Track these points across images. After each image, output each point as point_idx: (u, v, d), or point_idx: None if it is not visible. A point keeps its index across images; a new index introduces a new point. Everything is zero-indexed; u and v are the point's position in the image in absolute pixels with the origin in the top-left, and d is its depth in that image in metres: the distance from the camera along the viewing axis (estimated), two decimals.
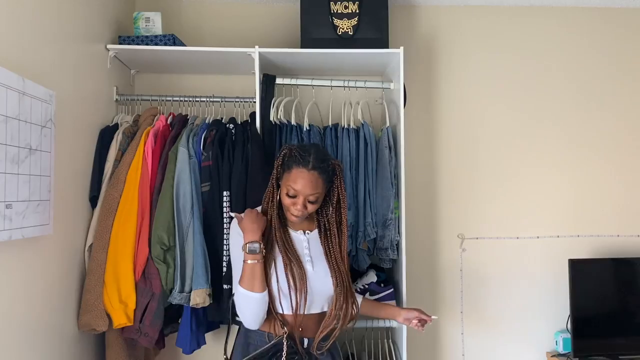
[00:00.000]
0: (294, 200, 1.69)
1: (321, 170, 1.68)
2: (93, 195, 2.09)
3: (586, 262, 2.62)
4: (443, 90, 2.75)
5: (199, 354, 2.32)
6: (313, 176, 1.67)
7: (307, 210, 1.71)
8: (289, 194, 1.69)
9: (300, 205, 1.68)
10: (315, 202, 1.71)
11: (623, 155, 2.78)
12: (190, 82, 2.63)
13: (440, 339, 2.72)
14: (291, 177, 1.68)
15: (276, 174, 1.76)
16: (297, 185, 1.67)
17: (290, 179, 1.68)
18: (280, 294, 1.69)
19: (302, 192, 1.67)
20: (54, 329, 1.82)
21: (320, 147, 1.79)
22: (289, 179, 1.69)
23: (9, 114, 1.46)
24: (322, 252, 1.78)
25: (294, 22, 2.51)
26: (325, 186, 1.72)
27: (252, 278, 1.64)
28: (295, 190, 1.67)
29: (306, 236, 1.79)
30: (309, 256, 1.75)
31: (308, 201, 1.69)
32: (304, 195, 1.68)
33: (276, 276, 1.69)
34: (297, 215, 1.71)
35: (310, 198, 1.68)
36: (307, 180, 1.67)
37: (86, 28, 2.08)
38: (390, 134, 2.33)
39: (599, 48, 2.79)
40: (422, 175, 2.72)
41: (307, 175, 1.67)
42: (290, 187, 1.68)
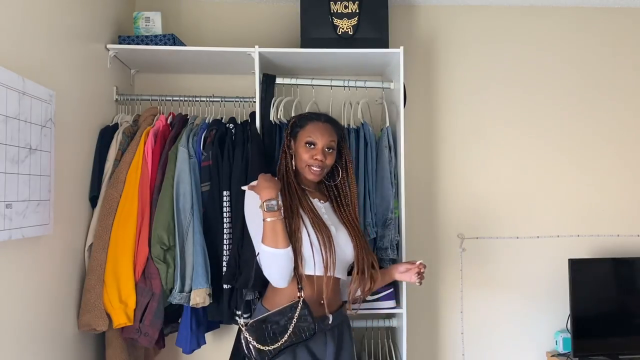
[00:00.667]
0: (313, 152, 1.79)
1: (332, 122, 1.87)
2: (93, 195, 2.09)
3: (586, 262, 2.62)
4: (443, 90, 2.75)
5: (199, 353, 2.32)
6: (327, 126, 1.84)
7: (326, 160, 1.80)
8: (307, 143, 1.80)
9: (320, 155, 1.78)
10: (332, 150, 1.82)
11: (623, 155, 2.78)
12: (190, 82, 2.63)
13: (440, 339, 2.72)
14: (307, 131, 1.82)
15: (287, 143, 1.87)
16: (315, 134, 1.80)
17: (306, 133, 1.81)
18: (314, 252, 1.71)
19: (320, 140, 1.79)
20: (54, 329, 1.82)
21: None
22: (304, 134, 1.82)
23: (9, 114, 1.46)
24: (338, 221, 1.85)
25: (294, 22, 2.51)
26: (338, 138, 1.86)
27: (274, 234, 1.66)
28: (313, 139, 1.80)
29: (322, 204, 1.86)
30: (329, 221, 1.81)
31: (326, 149, 1.80)
32: (322, 144, 1.80)
33: (307, 233, 1.72)
34: (318, 166, 1.79)
35: (327, 146, 1.80)
36: (324, 129, 1.82)
37: (86, 28, 2.08)
38: (390, 133, 2.33)
39: (600, 48, 2.79)
40: (422, 175, 2.72)
41: (322, 125, 1.83)
42: (308, 137, 1.80)
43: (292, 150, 1.86)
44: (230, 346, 2.09)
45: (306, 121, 1.85)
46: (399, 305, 2.30)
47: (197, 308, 2.10)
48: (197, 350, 2.17)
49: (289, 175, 1.84)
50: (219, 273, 2.11)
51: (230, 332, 2.41)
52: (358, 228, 1.87)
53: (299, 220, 1.74)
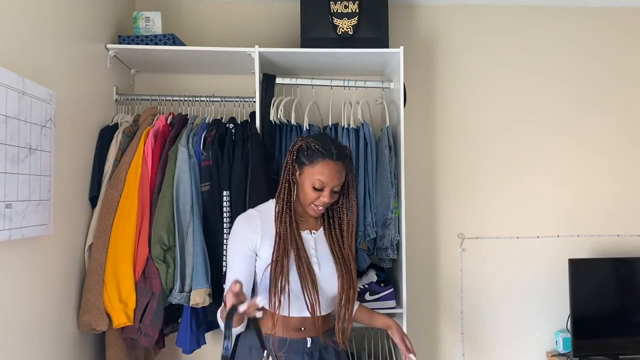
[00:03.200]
0: (321, 193, 1.69)
1: (344, 158, 1.71)
2: (93, 195, 2.09)
3: (586, 262, 2.62)
4: (443, 90, 2.75)
5: (199, 353, 2.32)
6: (339, 166, 1.69)
7: (332, 200, 1.72)
8: (315, 187, 1.68)
9: (327, 198, 1.69)
10: (339, 191, 1.73)
11: (623, 155, 2.78)
12: (190, 82, 2.63)
13: (440, 339, 2.72)
14: (316, 170, 1.67)
15: (292, 170, 1.72)
16: (324, 177, 1.67)
17: (317, 172, 1.67)
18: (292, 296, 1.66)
19: (330, 184, 1.68)
20: (54, 329, 1.82)
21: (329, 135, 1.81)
22: (314, 173, 1.68)
23: (9, 114, 1.46)
24: (328, 253, 1.76)
25: (294, 22, 2.51)
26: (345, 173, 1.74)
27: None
28: (323, 182, 1.67)
29: (312, 236, 1.77)
30: (315, 257, 1.73)
31: (333, 191, 1.71)
32: (331, 186, 1.69)
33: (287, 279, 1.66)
34: (323, 207, 1.72)
35: (335, 188, 1.70)
36: (335, 171, 1.68)
37: (86, 28, 2.08)
38: (390, 133, 2.33)
39: (600, 48, 2.79)
40: (422, 175, 2.72)
41: (334, 165, 1.68)
42: (318, 180, 1.67)
43: (296, 179, 1.73)
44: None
45: (316, 158, 1.67)
46: (399, 305, 2.30)
47: (197, 308, 2.10)
48: (197, 350, 2.17)
49: (287, 207, 1.72)
50: (219, 273, 2.11)
51: None
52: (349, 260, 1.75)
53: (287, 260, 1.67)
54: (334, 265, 1.74)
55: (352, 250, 1.78)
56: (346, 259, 1.75)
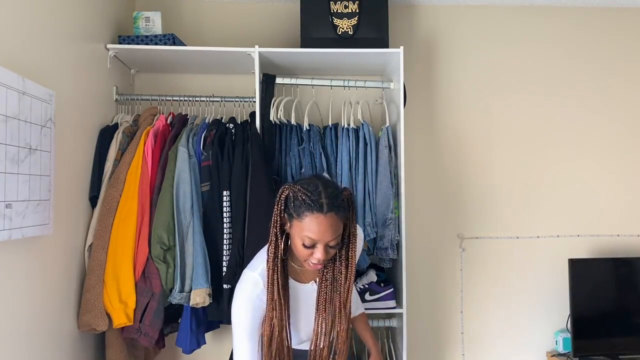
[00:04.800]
0: (312, 251, 1.45)
1: (337, 209, 1.43)
2: (93, 195, 2.09)
3: (586, 262, 2.62)
4: (443, 90, 2.75)
5: (199, 353, 2.32)
6: (331, 219, 1.42)
7: (328, 256, 1.47)
8: (305, 245, 1.44)
9: (321, 255, 1.44)
10: (336, 245, 1.47)
11: (623, 155, 2.78)
12: (190, 82, 2.63)
13: (440, 339, 2.72)
14: (305, 226, 1.42)
15: (280, 221, 1.48)
16: (314, 234, 1.42)
17: (305, 229, 1.42)
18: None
19: (322, 240, 1.43)
20: (54, 329, 1.82)
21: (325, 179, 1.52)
22: (302, 228, 1.43)
23: (9, 114, 1.46)
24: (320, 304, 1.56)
25: (294, 22, 2.51)
26: (342, 226, 1.47)
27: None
28: (314, 240, 1.43)
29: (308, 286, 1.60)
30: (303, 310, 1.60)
31: (329, 246, 1.45)
32: (324, 242, 1.43)
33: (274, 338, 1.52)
34: (320, 264, 1.48)
35: (331, 243, 1.44)
36: (326, 226, 1.41)
37: (86, 28, 2.08)
38: (390, 133, 2.33)
39: (600, 48, 2.79)
40: (422, 175, 2.72)
41: (324, 220, 1.41)
42: (306, 237, 1.43)
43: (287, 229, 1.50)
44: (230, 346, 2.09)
45: (304, 211, 1.42)
46: (399, 305, 2.30)
47: (197, 308, 2.10)
48: (197, 350, 2.17)
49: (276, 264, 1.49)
50: (219, 273, 2.12)
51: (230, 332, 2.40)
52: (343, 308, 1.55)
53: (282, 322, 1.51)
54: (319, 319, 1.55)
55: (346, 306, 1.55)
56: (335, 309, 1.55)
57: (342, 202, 1.46)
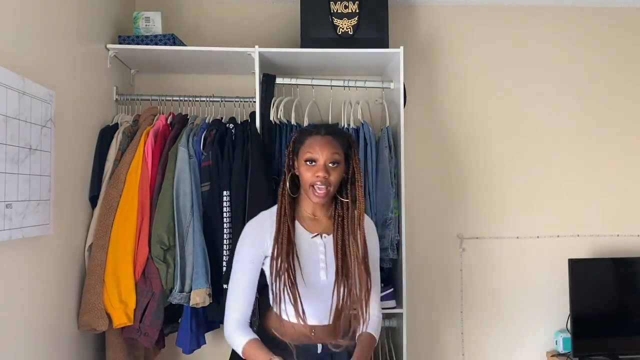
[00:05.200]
0: (315, 169, 1.60)
1: (334, 134, 1.65)
2: (93, 195, 2.09)
3: (586, 262, 2.62)
4: (443, 90, 2.75)
5: (199, 353, 2.32)
6: (328, 138, 1.63)
7: (330, 177, 1.60)
8: (307, 161, 1.61)
9: (322, 172, 1.59)
10: (336, 164, 1.61)
11: (623, 154, 2.78)
12: (190, 82, 2.63)
13: (440, 339, 2.72)
14: (306, 146, 1.63)
15: (288, 161, 1.70)
16: (314, 149, 1.61)
17: (306, 149, 1.63)
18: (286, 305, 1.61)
19: (321, 155, 1.60)
20: (54, 329, 1.82)
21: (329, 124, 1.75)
22: (304, 150, 1.63)
23: (9, 114, 1.46)
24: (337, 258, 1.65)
25: (294, 22, 2.51)
26: (343, 151, 1.64)
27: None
28: (313, 155, 1.61)
29: (323, 240, 1.68)
30: (324, 262, 1.65)
31: (329, 165, 1.60)
32: (323, 159, 1.60)
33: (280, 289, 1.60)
34: (322, 184, 1.59)
35: (330, 161, 1.60)
36: (324, 142, 1.61)
37: (86, 28, 2.08)
38: (390, 133, 2.33)
39: (600, 47, 2.79)
40: (422, 175, 2.72)
41: (321, 138, 1.63)
42: (308, 153, 1.62)
43: (296, 170, 1.67)
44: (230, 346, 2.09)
45: (305, 136, 1.66)
46: (399, 305, 2.30)
47: (197, 308, 2.10)
48: (197, 350, 2.17)
49: (284, 203, 1.65)
50: (219, 273, 2.11)
51: None
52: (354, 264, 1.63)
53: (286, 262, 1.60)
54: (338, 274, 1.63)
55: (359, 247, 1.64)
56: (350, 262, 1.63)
57: (340, 132, 1.70)
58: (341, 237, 1.65)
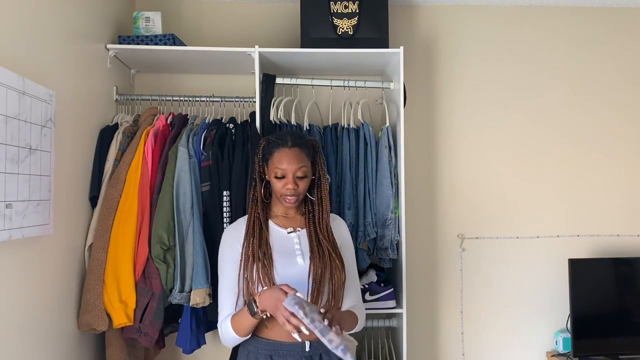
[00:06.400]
0: (284, 181, 1.70)
1: (301, 145, 1.73)
2: (93, 195, 2.09)
3: (586, 262, 2.62)
4: (443, 90, 2.75)
5: (199, 353, 2.32)
6: (295, 151, 1.70)
7: (298, 187, 1.71)
8: (277, 176, 1.70)
9: (291, 184, 1.69)
10: (304, 176, 1.72)
11: (623, 155, 2.78)
12: (190, 82, 2.63)
13: (440, 339, 2.72)
14: (275, 160, 1.71)
15: (258, 169, 1.77)
16: (282, 164, 1.69)
17: (275, 162, 1.71)
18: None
19: (289, 169, 1.69)
20: (54, 329, 1.82)
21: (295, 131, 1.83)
22: (273, 163, 1.71)
23: (9, 114, 1.46)
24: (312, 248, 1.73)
25: (294, 22, 2.51)
26: (309, 161, 1.74)
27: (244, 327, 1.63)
28: (282, 170, 1.69)
29: (297, 233, 1.77)
30: (300, 250, 1.73)
31: (297, 177, 1.70)
32: (292, 172, 1.69)
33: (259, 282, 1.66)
34: (291, 195, 1.71)
35: (298, 173, 1.70)
36: (292, 156, 1.69)
37: (86, 28, 2.08)
38: (390, 133, 2.33)
39: (600, 48, 2.79)
40: (422, 175, 2.72)
41: (289, 151, 1.70)
42: (277, 169, 1.70)
43: (267, 177, 1.76)
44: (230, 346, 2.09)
45: (273, 148, 1.73)
46: (399, 305, 2.30)
47: (197, 308, 2.10)
48: (197, 350, 2.17)
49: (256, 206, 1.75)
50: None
51: None
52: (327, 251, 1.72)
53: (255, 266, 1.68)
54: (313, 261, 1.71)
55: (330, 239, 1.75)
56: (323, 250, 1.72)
57: (305, 141, 1.76)
58: (314, 231, 1.77)
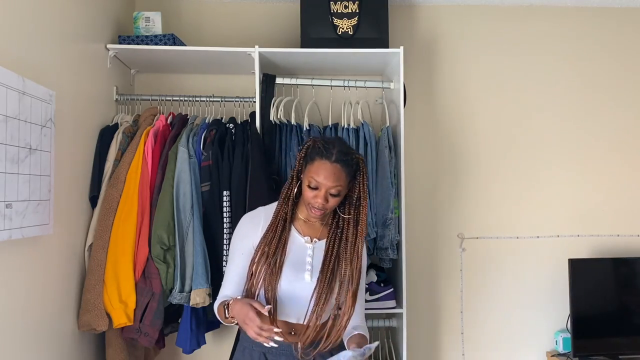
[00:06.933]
0: (316, 193, 1.62)
1: (344, 163, 1.63)
2: (93, 195, 2.09)
3: (586, 262, 2.62)
4: (443, 90, 2.75)
5: (199, 353, 2.32)
6: (335, 168, 1.62)
7: (328, 204, 1.64)
8: (310, 186, 1.63)
9: (321, 199, 1.62)
10: (337, 195, 1.64)
11: (623, 155, 2.77)
12: (190, 82, 2.63)
13: (440, 339, 2.72)
14: (313, 168, 1.63)
15: (297, 167, 1.70)
16: (319, 177, 1.61)
17: (313, 171, 1.63)
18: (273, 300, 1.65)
19: (324, 184, 1.61)
20: (54, 329, 1.82)
21: (343, 141, 1.73)
22: (311, 170, 1.63)
23: (9, 114, 1.46)
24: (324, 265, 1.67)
25: (294, 22, 2.51)
26: (347, 180, 1.66)
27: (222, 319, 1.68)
28: (317, 182, 1.61)
29: (312, 244, 1.71)
30: (310, 265, 1.67)
31: (330, 194, 1.63)
32: (325, 188, 1.62)
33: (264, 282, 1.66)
34: (319, 208, 1.64)
35: (332, 191, 1.62)
36: (330, 172, 1.61)
37: (86, 28, 2.08)
38: (390, 133, 2.33)
39: (600, 48, 2.79)
40: (422, 175, 2.72)
41: (330, 167, 1.61)
42: (312, 178, 1.62)
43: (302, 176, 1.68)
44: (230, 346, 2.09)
45: (315, 155, 1.64)
46: (399, 305, 2.30)
47: (197, 308, 2.10)
48: (197, 350, 2.18)
49: (285, 205, 1.69)
50: (219, 273, 2.11)
51: (230, 332, 2.41)
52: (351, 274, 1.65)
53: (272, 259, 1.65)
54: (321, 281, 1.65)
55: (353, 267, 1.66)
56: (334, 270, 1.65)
57: (350, 159, 1.65)
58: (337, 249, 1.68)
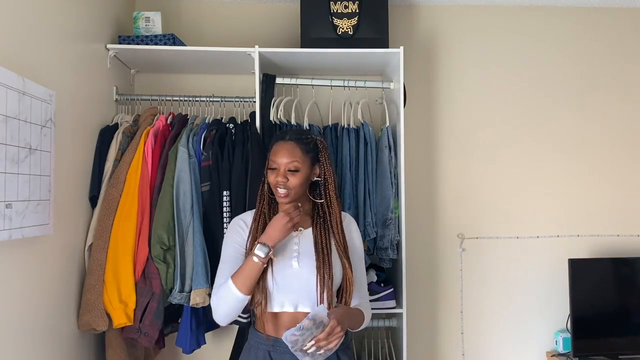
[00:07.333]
0: (276, 173, 1.68)
1: (297, 140, 1.70)
2: (93, 195, 2.09)
3: (586, 262, 2.62)
4: (443, 90, 2.75)
5: (199, 353, 2.32)
6: (289, 144, 1.69)
7: (289, 182, 1.67)
8: (270, 167, 1.70)
9: (281, 177, 1.67)
10: (295, 171, 1.67)
11: (623, 155, 2.78)
12: (190, 82, 2.63)
13: (440, 339, 2.72)
14: (272, 153, 1.72)
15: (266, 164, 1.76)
16: (276, 156, 1.69)
17: (271, 155, 1.71)
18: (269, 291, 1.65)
19: (281, 163, 1.68)
20: (54, 329, 1.82)
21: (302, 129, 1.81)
22: (270, 156, 1.72)
23: (9, 114, 1.46)
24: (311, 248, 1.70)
25: (294, 22, 2.51)
26: (305, 157, 1.69)
27: (247, 278, 1.60)
28: (275, 162, 1.69)
29: (298, 232, 1.73)
30: (297, 252, 1.68)
31: (288, 170, 1.67)
32: (283, 165, 1.67)
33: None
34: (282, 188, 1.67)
35: (289, 167, 1.67)
36: (284, 149, 1.68)
37: (86, 28, 2.08)
38: (390, 133, 2.33)
39: (600, 48, 2.79)
40: (422, 175, 2.72)
41: (284, 144, 1.69)
42: (271, 160, 1.70)
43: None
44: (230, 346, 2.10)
45: (274, 142, 1.74)
46: (399, 305, 2.30)
47: (197, 308, 2.10)
48: (197, 350, 2.17)
49: (263, 198, 1.77)
50: None
51: (230, 332, 2.41)
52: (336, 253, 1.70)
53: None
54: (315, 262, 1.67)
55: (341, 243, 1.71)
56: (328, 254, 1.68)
57: (305, 138, 1.73)
58: (323, 233, 1.73)
